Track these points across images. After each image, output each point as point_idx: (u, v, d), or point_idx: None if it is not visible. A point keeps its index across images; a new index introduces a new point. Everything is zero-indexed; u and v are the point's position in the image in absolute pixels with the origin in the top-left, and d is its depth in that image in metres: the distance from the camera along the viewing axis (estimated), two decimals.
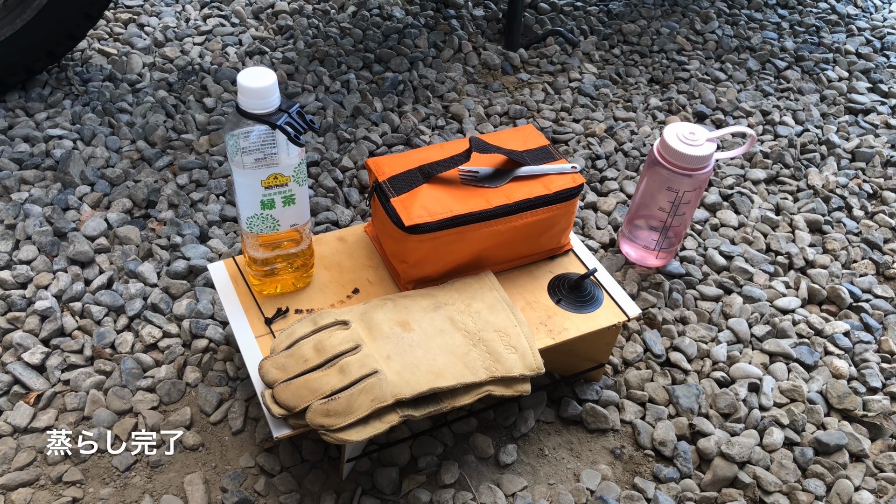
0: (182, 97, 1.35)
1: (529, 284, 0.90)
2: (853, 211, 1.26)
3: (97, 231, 1.07)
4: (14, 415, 0.86)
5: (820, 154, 1.37)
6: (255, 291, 0.86)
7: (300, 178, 0.77)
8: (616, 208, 1.21)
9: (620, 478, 0.87)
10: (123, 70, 1.40)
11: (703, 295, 1.09)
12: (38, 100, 1.31)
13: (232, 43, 1.52)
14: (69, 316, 0.97)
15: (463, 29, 1.61)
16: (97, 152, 1.20)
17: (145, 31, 1.53)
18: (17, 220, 1.08)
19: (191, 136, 1.26)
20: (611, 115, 1.42)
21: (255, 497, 0.82)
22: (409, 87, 1.42)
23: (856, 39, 1.71)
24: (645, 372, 0.98)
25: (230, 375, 0.92)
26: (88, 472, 0.83)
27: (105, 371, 0.92)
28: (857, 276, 1.14)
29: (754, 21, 1.75)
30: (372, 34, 1.56)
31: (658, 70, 1.55)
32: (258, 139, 0.72)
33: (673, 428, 0.91)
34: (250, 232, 0.80)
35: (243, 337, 0.81)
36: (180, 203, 1.13)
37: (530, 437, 0.90)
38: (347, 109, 1.36)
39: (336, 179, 1.21)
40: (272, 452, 0.86)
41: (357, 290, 0.87)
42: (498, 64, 1.52)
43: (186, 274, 1.03)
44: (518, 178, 0.86)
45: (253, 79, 0.69)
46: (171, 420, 0.88)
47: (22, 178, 1.15)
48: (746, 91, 1.52)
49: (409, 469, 0.85)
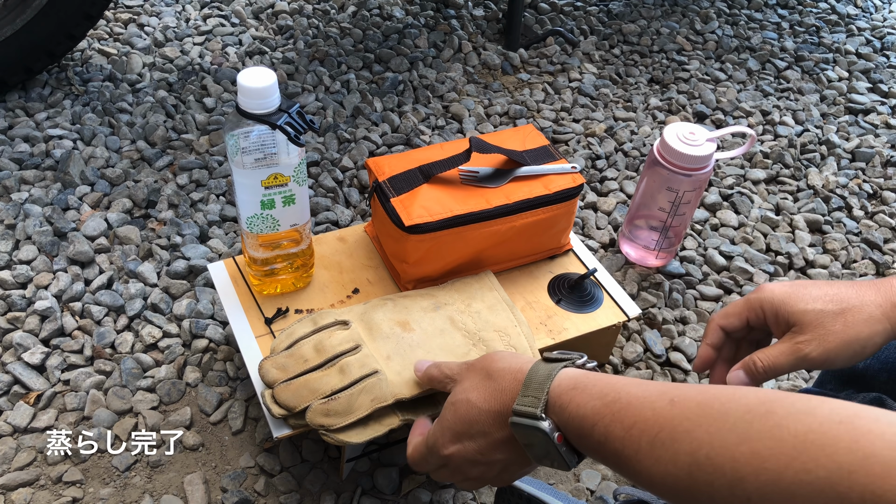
0: (182, 97, 1.35)
1: (529, 284, 0.90)
2: (853, 211, 1.26)
3: (97, 231, 1.07)
4: (14, 415, 0.86)
5: (820, 154, 1.37)
6: (255, 291, 0.86)
7: (300, 178, 0.77)
8: (616, 208, 1.21)
9: (620, 477, 0.87)
10: (123, 70, 1.40)
11: (703, 295, 1.09)
12: (38, 100, 1.31)
13: (232, 43, 1.52)
14: (69, 316, 0.97)
15: (463, 29, 1.61)
16: (97, 152, 1.20)
17: (145, 31, 1.53)
18: (17, 220, 1.08)
19: (191, 136, 1.26)
20: (611, 115, 1.42)
21: (255, 497, 0.82)
22: (409, 87, 1.42)
23: (856, 39, 1.71)
24: (645, 372, 0.98)
25: (230, 375, 0.92)
26: (88, 472, 0.83)
27: (105, 371, 0.92)
28: (857, 276, 1.14)
29: (754, 21, 1.75)
30: (372, 34, 1.56)
31: (658, 70, 1.55)
32: (258, 139, 0.72)
33: None
34: (250, 232, 0.80)
35: (243, 337, 0.81)
36: (180, 203, 1.13)
37: None
38: (347, 109, 1.36)
39: (336, 179, 1.21)
40: (272, 452, 0.86)
41: (357, 290, 0.87)
42: (498, 64, 1.52)
43: (186, 274, 1.03)
44: (518, 178, 0.86)
45: (253, 79, 0.69)
46: (171, 420, 0.88)
47: (22, 178, 1.15)
48: (746, 91, 1.52)
49: (409, 469, 0.85)
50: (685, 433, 0.42)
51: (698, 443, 0.41)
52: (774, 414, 0.39)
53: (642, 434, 0.44)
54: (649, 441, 0.44)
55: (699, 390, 0.44)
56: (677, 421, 0.43)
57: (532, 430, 0.51)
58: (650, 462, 0.43)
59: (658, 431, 0.43)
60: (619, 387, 0.49)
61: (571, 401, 0.50)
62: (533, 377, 0.53)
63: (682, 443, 0.42)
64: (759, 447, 0.38)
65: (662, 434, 0.43)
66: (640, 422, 0.45)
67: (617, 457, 0.46)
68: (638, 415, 0.45)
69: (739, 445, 0.39)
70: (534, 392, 0.52)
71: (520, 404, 0.53)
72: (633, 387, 0.48)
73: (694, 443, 0.41)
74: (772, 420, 0.39)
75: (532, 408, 0.51)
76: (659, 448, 0.43)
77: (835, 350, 0.57)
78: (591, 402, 0.49)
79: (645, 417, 0.45)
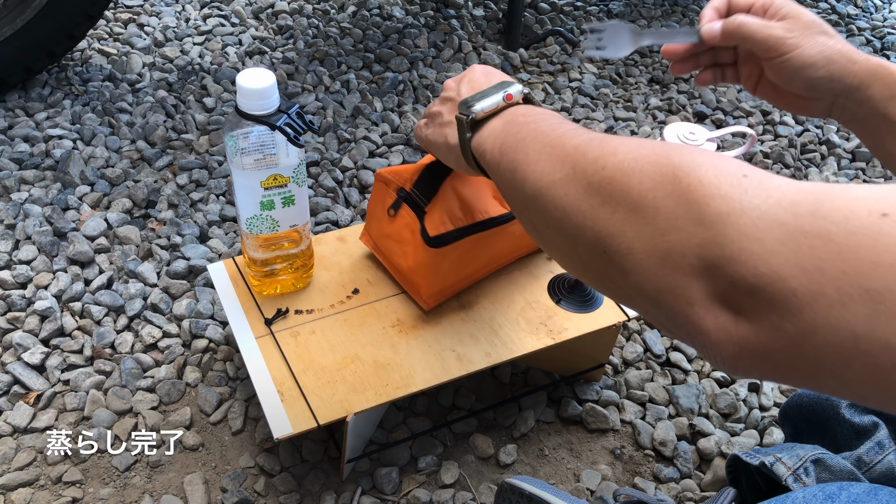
0: (182, 97, 1.35)
1: (529, 284, 0.90)
2: None
3: (97, 231, 1.07)
4: (14, 415, 0.86)
5: (820, 154, 1.37)
6: (255, 292, 0.86)
7: (299, 179, 0.77)
8: None
9: (620, 478, 0.87)
10: (123, 70, 1.40)
11: None
12: (38, 100, 1.31)
13: (232, 43, 1.52)
14: (69, 316, 0.97)
15: (463, 29, 1.61)
16: (97, 152, 1.20)
17: (145, 31, 1.53)
18: (17, 220, 1.08)
19: (191, 136, 1.26)
20: (611, 115, 1.42)
21: (255, 497, 0.82)
22: (409, 87, 1.42)
23: (856, 39, 1.71)
24: (645, 372, 0.98)
25: (230, 375, 0.92)
26: (88, 472, 0.83)
27: (105, 371, 0.92)
28: None
29: None
30: (372, 34, 1.56)
31: (658, 70, 1.55)
32: (257, 140, 0.72)
33: (673, 428, 0.91)
34: (250, 233, 0.79)
35: (243, 337, 0.81)
36: (180, 203, 1.13)
37: (530, 437, 0.90)
38: (347, 109, 1.36)
39: (336, 179, 1.21)
40: (272, 452, 0.86)
41: (357, 290, 0.87)
42: (498, 64, 1.52)
43: (186, 274, 1.03)
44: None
45: (252, 80, 0.69)
46: (171, 420, 0.88)
47: (22, 178, 1.15)
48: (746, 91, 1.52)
49: (409, 469, 0.85)
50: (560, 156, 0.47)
51: (571, 161, 0.46)
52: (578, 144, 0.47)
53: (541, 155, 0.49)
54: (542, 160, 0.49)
55: (578, 134, 0.48)
56: (560, 148, 0.48)
57: (460, 125, 0.58)
58: (534, 177, 0.48)
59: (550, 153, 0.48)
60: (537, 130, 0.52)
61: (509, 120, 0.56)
62: (490, 93, 0.58)
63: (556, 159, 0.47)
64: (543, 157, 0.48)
65: (551, 151, 0.48)
66: (549, 147, 0.49)
67: (513, 173, 0.51)
68: (547, 140, 0.50)
69: (601, 159, 0.44)
70: (484, 99, 0.57)
71: (470, 102, 0.57)
72: (546, 122, 0.52)
73: (567, 161, 0.46)
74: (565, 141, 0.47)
75: (465, 115, 0.57)
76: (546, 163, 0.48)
77: (805, 55, 0.62)
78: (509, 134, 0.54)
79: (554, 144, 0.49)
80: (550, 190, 0.46)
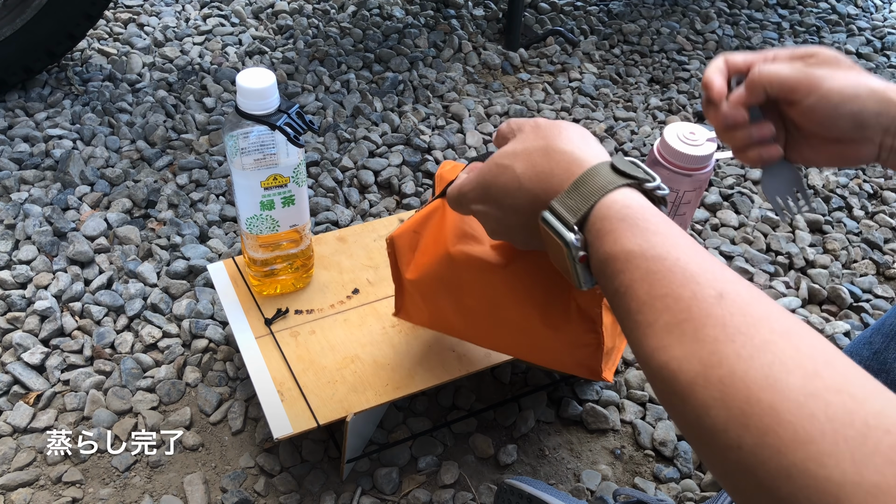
0: (182, 97, 1.35)
1: None
2: (853, 211, 1.26)
3: (97, 231, 1.07)
4: (14, 415, 0.86)
5: None
6: (255, 292, 0.86)
7: (299, 179, 0.77)
8: None
9: (620, 478, 0.87)
10: (123, 70, 1.40)
11: None
12: (37, 100, 1.31)
13: (232, 43, 1.52)
14: (69, 316, 0.97)
15: (463, 29, 1.61)
16: (97, 152, 1.20)
17: (145, 30, 1.53)
18: (17, 220, 1.08)
19: (191, 135, 1.26)
20: (611, 115, 1.42)
21: (255, 497, 0.82)
22: (409, 87, 1.42)
23: (856, 39, 1.71)
24: None
25: (230, 375, 0.92)
26: (88, 473, 0.83)
27: (105, 371, 0.92)
28: (857, 276, 1.14)
29: (755, 21, 1.75)
30: (372, 34, 1.56)
31: (658, 70, 1.55)
32: (257, 140, 0.72)
33: (673, 428, 0.91)
34: (250, 233, 0.79)
35: (243, 337, 0.81)
36: (180, 203, 1.13)
37: (530, 437, 0.90)
38: (347, 109, 1.36)
39: (336, 179, 1.21)
40: (272, 452, 0.86)
41: (357, 290, 0.87)
42: (498, 64, 1.52)
43: (186, 274, 1.03)
44: None
45: (252, 80, 0.69)
46: (171, 420, 0.88)
47: (22, 178, 1.15)
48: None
49: (409, 469, 0.85)
50: (712, 340, 0.36)
51: (719, 358, 0.35)
52: (820, 377, 0.33)
53: (667, 311, 0.38)
54: (669, 323, 0.38)
55: (751, 294, 0.38)
56: (712, 321, 0.36)
57: (557, 236, 0.46)
58: (657, 343, 0.38)
59: (685, 319, 0.37)
60: (671, 243, 0.41)
61: (612, 231, 0.43)
62: (587, 181, 0.46)
63: (703, 347, 0.36)
64: (783, 409, 0.32)
65: (687, 325, 0.37)
66: (671, 297, 0.38)
67: (627, 314, 0.41)
68: (672, 289, 0.39)
69: (762, 391, 0.33)
70: (579, 198, 0.45)
71: (558, 203, 0.46)
72: (684, 251, 0.40)
73: (715, 356, 0.35)
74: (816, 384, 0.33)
75: (568, 214, 0.45)
76: (677, 335, 0.37)
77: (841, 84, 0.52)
78: (630, 242, 0.42)
79: (678, 296, 0.38)
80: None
